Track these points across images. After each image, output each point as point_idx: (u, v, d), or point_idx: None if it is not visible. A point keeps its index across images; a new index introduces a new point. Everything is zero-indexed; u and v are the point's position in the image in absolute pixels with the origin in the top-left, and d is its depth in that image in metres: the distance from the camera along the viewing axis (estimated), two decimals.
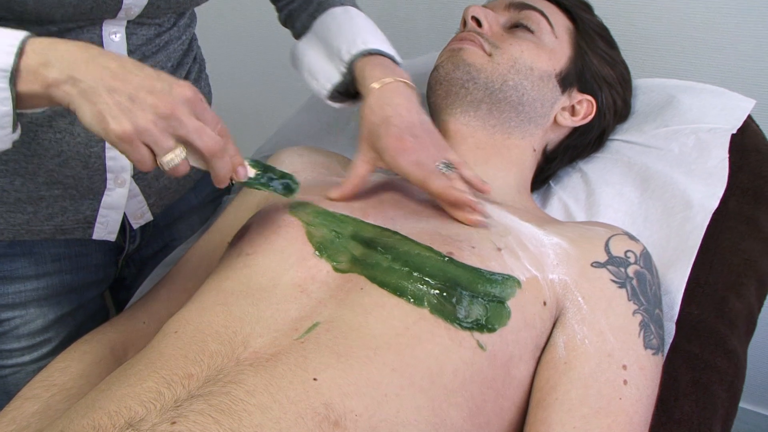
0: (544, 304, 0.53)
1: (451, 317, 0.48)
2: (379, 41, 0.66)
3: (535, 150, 0.70)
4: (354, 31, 0.66)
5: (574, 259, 0.55)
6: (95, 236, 0.66)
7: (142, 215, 0.69)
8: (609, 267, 0.55)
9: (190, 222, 0.80)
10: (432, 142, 0.59)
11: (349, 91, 0.69)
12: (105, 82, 0.44)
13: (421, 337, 0.47)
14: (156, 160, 0.46)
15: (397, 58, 0.67)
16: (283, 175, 0.56)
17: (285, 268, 0.53)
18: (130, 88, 0.44)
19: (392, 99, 0.60)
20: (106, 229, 0.66)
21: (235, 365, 0.45)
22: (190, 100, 0.46)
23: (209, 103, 0.74)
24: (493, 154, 0.67)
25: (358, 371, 0.45)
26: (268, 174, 0.55)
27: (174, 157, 0.46)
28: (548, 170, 0.74)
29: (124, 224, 0.70)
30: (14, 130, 0.45)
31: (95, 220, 0.65)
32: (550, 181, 0.76)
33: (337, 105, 0.70)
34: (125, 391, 0.44)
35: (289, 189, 0.56)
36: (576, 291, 0.54)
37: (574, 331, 0.52)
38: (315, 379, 0.44)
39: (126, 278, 0.79)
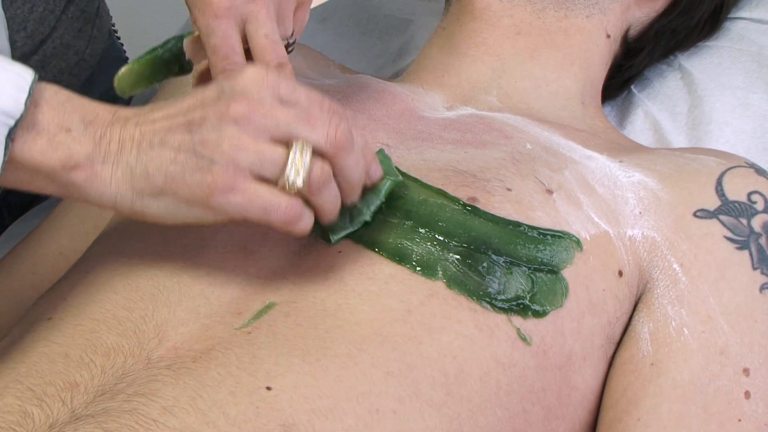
0: (620, 274, 0.52)
1: (479, 293, 0.48)
2: None
3: (609, 36, 0.67)
4: None
5: (666, 205, 0.54)
6: None
7: None
8: (722, 217, 0.54)
9: None
10: None
11: None
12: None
13: (432, 324, 0.46)
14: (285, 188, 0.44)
15: None
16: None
17: None
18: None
19: None
20: None
21: (144, 368, 0.44)
22: (244, 117, 0.43)
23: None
24: (543, 44, 0.64)
25: (335, 376, 0.44)
26: None
27: (297, 164, 0.43)
28: (630, 69, 0.71)
29: None
30: None
31: None
32: (632, 86, 0.74)
33: None
34: None
35: None
36: (669, 255, 0.53)
37: (667, 316, 0.51)
38: (269, 389, 0.43)
39: None
